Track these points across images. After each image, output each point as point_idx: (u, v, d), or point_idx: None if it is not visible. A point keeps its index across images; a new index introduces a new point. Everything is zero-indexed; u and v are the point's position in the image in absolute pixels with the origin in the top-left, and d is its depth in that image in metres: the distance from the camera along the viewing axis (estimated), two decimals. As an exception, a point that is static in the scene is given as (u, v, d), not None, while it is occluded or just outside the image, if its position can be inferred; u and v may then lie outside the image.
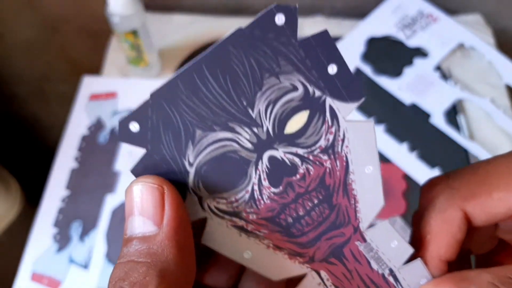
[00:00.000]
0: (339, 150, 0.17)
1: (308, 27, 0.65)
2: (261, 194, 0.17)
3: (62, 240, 0.49)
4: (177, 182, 0.16)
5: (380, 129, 0.55)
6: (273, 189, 0.17)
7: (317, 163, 0.17)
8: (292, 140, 0.16)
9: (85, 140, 0.55)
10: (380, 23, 0.64)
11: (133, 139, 0.15)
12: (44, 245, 0.48)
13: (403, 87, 0.59)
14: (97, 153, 0.54)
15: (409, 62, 0.61)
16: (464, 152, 0.54)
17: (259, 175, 0.16)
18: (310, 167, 0.17)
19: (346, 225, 0.18)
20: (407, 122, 0.56)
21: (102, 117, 0.57)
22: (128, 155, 0.54)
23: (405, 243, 0.18)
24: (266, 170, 0.16)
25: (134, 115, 0.15)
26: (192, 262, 0.15)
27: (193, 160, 0.16)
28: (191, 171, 0.16)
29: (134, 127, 0.15)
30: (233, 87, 0.15)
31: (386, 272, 0.18)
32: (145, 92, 0.57)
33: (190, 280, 0.15)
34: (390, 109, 0.58)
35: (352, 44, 0.62)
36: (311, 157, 0.17)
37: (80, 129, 0.56)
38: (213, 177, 0.16)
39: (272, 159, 0.16)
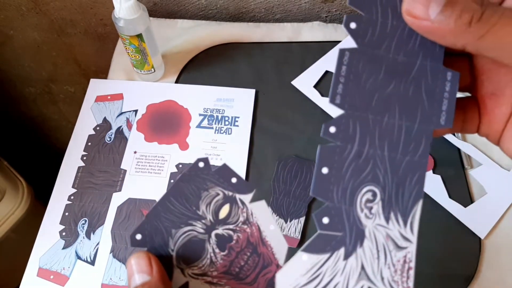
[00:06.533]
0: (252, 220, 0.27)
1: (307, 31, 0.66)
2: (216, 258, 0.26)
3: (69, 236, 0.50)
4: (166, 262, 0.25)
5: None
6: (222, 253, 0.26)
7: (242, 231, 0.27)
8: (224, 221, 0.27)
9: (91, 140, 0.56)
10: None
11: (138, 243, 0.25)
12: (51, 242, 0.50)
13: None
14: (103, 153, 0.55)
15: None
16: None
17: (212, 247, 0.26)
18: (239, 234, 0.27)
19: (271, 264, 0.27)
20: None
21: (108, 117, 0.58)
22: (133, 154, 0.55)
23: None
24: (215, 242, 0.26)
25: (137, 230, 0.25)
26: None
27: (173, 247, 0.26)
28: (173, 254, 0.26)
29: (138, 236, 0.25)
30: (186, 201, 0.26)
31: None
32: (149, 94, 0.59)
33: None
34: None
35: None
36: (238, 228, 0.27)
37: (87, 129, 0.57)
38: (187, 254, 0.26)
39: (217, 235, 0.26)
